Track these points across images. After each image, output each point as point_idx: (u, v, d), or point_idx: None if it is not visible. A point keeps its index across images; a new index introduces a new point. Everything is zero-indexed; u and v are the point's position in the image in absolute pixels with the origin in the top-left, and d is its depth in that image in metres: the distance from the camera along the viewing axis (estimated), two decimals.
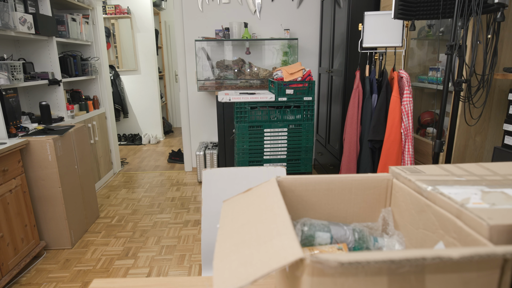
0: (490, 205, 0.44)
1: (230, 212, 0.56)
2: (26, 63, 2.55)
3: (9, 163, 1.91)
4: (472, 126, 1.77)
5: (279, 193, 0.55)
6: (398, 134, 2.01)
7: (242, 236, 0.46)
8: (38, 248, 2.15)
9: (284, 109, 2.66)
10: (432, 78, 2.12)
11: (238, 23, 3.40)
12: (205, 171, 1.25)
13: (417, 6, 1.61)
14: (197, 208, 2.92)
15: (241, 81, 3.53)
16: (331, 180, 0.64)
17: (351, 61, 2.68)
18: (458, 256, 0.34)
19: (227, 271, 0.39)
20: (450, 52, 1.45)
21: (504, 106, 1.78)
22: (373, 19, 2.08)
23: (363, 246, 0.59)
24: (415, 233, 0.56)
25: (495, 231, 0.39)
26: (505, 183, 0.52)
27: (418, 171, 0.60)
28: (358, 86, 2.23)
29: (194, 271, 2.05)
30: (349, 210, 0.66)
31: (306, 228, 0.60)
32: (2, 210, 1.85)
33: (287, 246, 0.39)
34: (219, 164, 3.28)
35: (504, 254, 0.35)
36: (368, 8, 2.61)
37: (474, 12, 1.36)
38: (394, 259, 0.34)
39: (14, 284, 1.93)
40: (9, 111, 2.20)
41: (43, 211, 2.20)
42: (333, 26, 3.04)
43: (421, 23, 2.28)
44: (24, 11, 2.41)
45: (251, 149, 2.72)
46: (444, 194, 0.49)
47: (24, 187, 2.05)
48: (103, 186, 3.47)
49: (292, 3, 3.53)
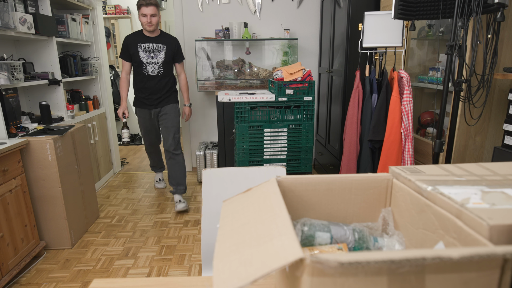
0: (490, 205, 0.44)
1: (230, 212, 0.56)
2: (26, 63, 2.55)
3: (9, 163, 1.91)
4: (472, 126, 1.77)
5: (279, 193, 0.55)
6: (398, 134, 2.01)
7: (242, 236, 0.46)
8: (38, 248, 2.15)
9: (284, 109, 2.66)
10: (432, 78, 2.12)
11: (238, 23, 3.40)
12: (205, 171, 1.25)
13: (417, 6, 1.61)
14: (197, 208, 2.92)
15: (241, 81, 3.53)
16: (331, 180, 0.64)
17: (351, 61, 2.68)
18: (458, 256, 0.34)
19: (227, 271, 0.39)
20: (450, 52, 1.45)
21: (504, 106, 1.78)
22: (373, 19, 2.08)
23: (363, 246, 0.59)
24: (415, 233, 0.56)
25: (495, 231, 0.39)
26: (505, 183, 0.52)
27: (418, 171, 0.60)
28: (358, 86, 2.23)
29: (194, 271, 2.05)
30: (349, 210, 0.66)
31: (306, 228, 0.60)
32: (2, 210, 1.85)
33: (287, 246, 0.39)
34: (219, 164, 3.28)
35: (504, 254, 0.35)
36: (368, 8, 2.61)
37: (474, 12, 1.36)
38: (394, 259, 0.34)
39: (14, 284, 1.93)
40: (9, 111, 2.20)
41: (43, 211, 2.20)
42: (333, 26, 3.04)
43: (421, 23, 2.28)
44: (24, 11, 2.41)
45: (251, 149, 2.72)
46: (444, 194, 0.49)
47: (24, 187, 2.05)
48: (103, 186, 3.47)
49: (292, 3, 3.53)
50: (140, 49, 2.64)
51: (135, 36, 2.69)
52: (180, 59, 2.80)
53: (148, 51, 2.64)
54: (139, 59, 2.64)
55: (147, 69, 2.67)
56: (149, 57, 2.64)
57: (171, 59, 2.73)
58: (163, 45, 2.67)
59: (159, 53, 2.66)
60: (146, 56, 2.64)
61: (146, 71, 2.68)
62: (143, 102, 2.81)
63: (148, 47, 2.64)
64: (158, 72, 2.69)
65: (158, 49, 2.66)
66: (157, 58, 2.66)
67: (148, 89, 2.74)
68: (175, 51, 2.73)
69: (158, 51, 2.66)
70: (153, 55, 2.65)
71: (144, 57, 2.64)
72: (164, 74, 2.73)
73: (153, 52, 2.65)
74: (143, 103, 2.81)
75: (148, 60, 2.65)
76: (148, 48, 2.65)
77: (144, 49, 2.64)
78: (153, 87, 2.73)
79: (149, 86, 2.73)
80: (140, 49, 2.64)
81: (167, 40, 2.70)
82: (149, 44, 2.64)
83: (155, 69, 2.68)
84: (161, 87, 2.74)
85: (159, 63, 2.67)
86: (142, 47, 2.64)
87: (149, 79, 2.71)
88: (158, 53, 2.66)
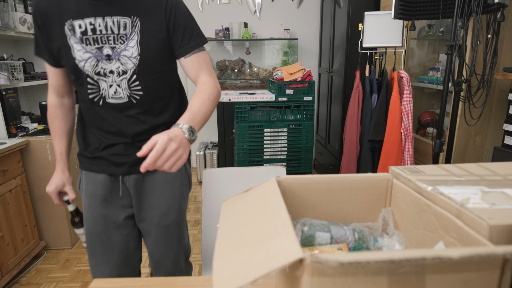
0: (490, 205, 0.44)
1: (230, 212, 0.56)
2: (26, 63, 2.55)
3: (9, 163, 1.91)
4: (472, 126, 1.77)
5: (279, 193, 0.55)
6: (398, 134, 2.01)
7: (242, 236, 0.46)
8: (38, 248, 2.15)
9: (284, 109, 2.66)
10: (432, 78, 2.12)
11: (238, 23, 3.40)
12: (205, 171, 1.25)
13: (417, 6, 1.61)
14: (197, 208, 2.92)
15: (241, 81, 3.53)
16: (331, 180, 0.64)
17: (351, 61, 2.68)
18: (458, 256, 0.34)
19: (227, 271, 0.39)
20: (450, 52, 1.45)
21: (504, 106, 1.78)
22: (373, 19, 2.08)
23: (363, 246, 0.59)
24: (415, 233, 0.56)
25: (495, 231, 0.39)
26: (505, 183, 0.52)
27: (418, 171, 0.60)
28: (358, 86, 2.23)
29: (194, 271, 2.05)
30: (349, 210, 0.66)
31: (306, 228, 0.60)
32: (2, 210, 1.85)
33: (287, 246, 0.39)
34: (219, 164, 3.28)
35: (504, 254, 0.35)
36: (368, 8, 2.61)
37: (474, 12, 1.36)
38: (394, 259, 0.34)
39: (14, 284, 1.93)
40: (9, 111, 2.20)
41: (43, 211, 2.20)
42: (333, 26, 3.04)
43: (421, 23, 2.28)
44: (24, 11, 2.41)
45: (251, 149, 2.72)
46: (444, 194, 0.49)
47: (24, 187, 2.05)
48: None
49: (292, 3, 3.53)
50: (73, 36, 0.95)
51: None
52: (191, 42, 1.02)
53: (93, 40, 0.95)
54: (73, 62, 0.97)
55: (100, 89, 1.00)
56: (98, 56, 0.96)
57: (161, 51, 1.01)
58: (131, 18, 0.96)
59: (124, 42, 0.97)
60: (90, 55, 0.96)
61: (99, 95, 1.01)
62: (97, 159, 1.09)
63: (93, 29, 0.95)
64: (129, 95, 1.01)
65: (120, 30, 0.96)
66: (122, 58, 0.97)
67: (110, 126, 1.05)
68: (170, 23, 1.00)
69: (121, 37, 0.96)
70: (110, 51, 0.96)
71: (85, 58, 0.96)
72: (148, 95, 1.03)
73: (107, 42, 0.96)
74: (97, 159, 1.09)
75: (97, 66, 0.97)
76: (92, 32, 0.95)
77: (83, 36, 0.95)
78: (123, 125, 1.05)
79: (112, 123, 1.05)
80: (73, 36, 0.95)
81: (142, 3, 0.97)
82: (92, 20, 0.94)
83: (120, 89, 1.00)
84: (143, 128, 1.05)
85: (129, 72, 0.98)
86: (75, 29, 0.94)
87: (108, 111, 1.03)
88: (121, 42, 0.96)
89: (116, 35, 0.96)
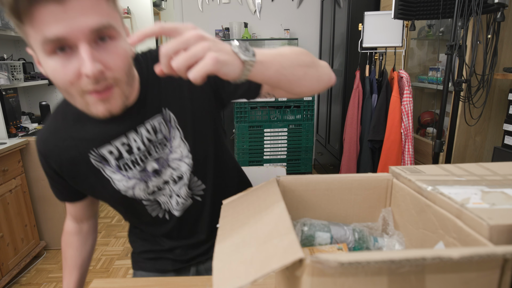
0: (490, 205, 0.44)
1: (230, 212, 0.56)
2: (26, 63, 2.55)
3: (9, 163, 1.91)
4: (472, 126, 1.77)
5: (279, 193, 0.55)
6: (398, 134, 2.01)
7: (242, 236, 0.46)
8: (38, 248, 2.15)
9: (284, 109, 2.66)
10: (432, 78, 2.12)
11: (238, 23, 3.40)
12: None
13: (417, 6, 1.61)
14: None
15: None
16: (331, 180, 0.64)
17: (351, 61, 2.68)
18: (458, 256, 0.34)
19: (227, 271, 0.39)
20: (450, 52, 1.45)
21: (504, 106, 1.78)
22: (373, 19, 2.08)
23: (363, 246, 0.59)
24: (415, 233, 0.56)
25: (495, 231, 0.39)
26: (505, 183, 0.52)
27: (418, 171, 0.60)
28: (358, 86, 2.23)
29: None
30: (349, 210, 0.66)
31: (306, 228, 0.60)
32: (2, 210, 1.85)
33: (287, 246, 0.39)
34: None
35: (504, 254, 0.35)
36: (368, 8, 2.61)
37: (474, 12, 1.37)
38: (394, 259, 0.34)
39: (14, 284, 1.93)
40: (9, 111, 2.20)
41: (43, 211, 2.20)
42: (333, 26, 3.04)
43: (421, 23, 2.28)
44: None
45: (251, 149, 2.72)
46: (444, 194, 0.49)
47: (24, 187, 2.05)
48: None
49: (292, 3, 3.53)
50: (108, 166, 0.73)
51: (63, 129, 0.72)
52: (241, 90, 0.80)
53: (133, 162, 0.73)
54: (119, 195, 0.76)
55: (161, 204, 0.81)
56: (145, 177, 0.75)
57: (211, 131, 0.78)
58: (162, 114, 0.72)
59: (166, 145, 0.74)
60: (135, 180, 0.75)
61: (162, 210, 0.82)
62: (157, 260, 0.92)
63: (129, 150, 0.72)
64: (191, 196, 0.81)
65: (157, 135, 0.72)
66: (172, 163, 0.75)
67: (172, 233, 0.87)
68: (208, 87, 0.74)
69: (162, 142, 0.73)
70: (155, 165, 0.74)
71: (132, 186, 0.75)
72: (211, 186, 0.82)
73: (148, 156, 0.73)
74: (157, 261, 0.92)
75: (148, 188, 0.77)
76: (128, 153, 0.72)
77: (120, 163, 0.73)
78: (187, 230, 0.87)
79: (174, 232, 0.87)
80: (108, 166, 0.73)
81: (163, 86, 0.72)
82: (124, 140, 0.70)
83: (180, 199, 0.80)
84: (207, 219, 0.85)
85: (185, 175, 0.77)
86: (107, 157, 0.72)
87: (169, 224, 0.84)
88: (163, 147, 0.74)
89: (155, 142, 0.73)
